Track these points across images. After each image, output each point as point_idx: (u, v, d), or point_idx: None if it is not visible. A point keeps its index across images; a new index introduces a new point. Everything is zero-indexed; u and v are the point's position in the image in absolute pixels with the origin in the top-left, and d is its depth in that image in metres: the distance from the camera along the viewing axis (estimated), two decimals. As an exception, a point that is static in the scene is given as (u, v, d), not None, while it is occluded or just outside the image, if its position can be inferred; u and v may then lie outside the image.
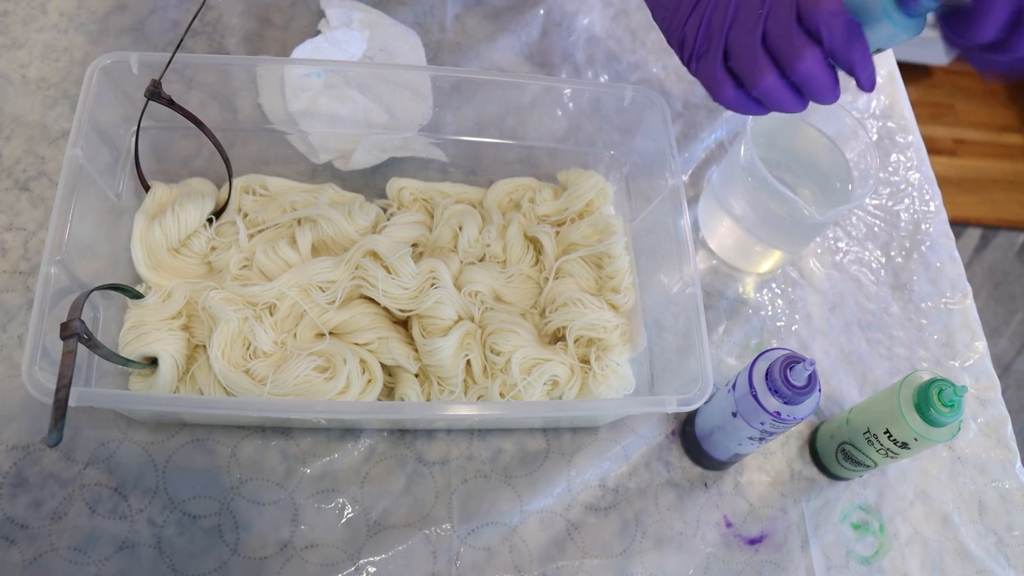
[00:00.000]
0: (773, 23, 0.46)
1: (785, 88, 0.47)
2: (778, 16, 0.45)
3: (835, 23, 0.44)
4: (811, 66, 0.45)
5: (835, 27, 0.44)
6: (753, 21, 0.46)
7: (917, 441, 0.56)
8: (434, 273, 0.60)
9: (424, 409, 0.54)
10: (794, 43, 0.45)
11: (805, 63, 0.45)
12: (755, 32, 0.46)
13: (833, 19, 0.44)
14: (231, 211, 0.64)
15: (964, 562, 0.64)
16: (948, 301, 0.77)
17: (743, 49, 0.47)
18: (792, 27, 0.45)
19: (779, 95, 0.48)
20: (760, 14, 0.46)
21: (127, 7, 0.75)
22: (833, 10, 0.44)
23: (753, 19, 0.46)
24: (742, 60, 0.47)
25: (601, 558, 0.59)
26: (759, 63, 0.47)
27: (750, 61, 0.47)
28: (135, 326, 0.56)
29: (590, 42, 0.84)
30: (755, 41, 0.46)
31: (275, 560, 0.55)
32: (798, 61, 0.45)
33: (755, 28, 0.46)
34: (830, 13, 0.44)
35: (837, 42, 0.44)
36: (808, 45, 0.45)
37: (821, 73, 0.46)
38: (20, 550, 0.53)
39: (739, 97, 0.50)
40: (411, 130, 0.70)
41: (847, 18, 0.44)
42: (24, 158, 0.66)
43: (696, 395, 0.53)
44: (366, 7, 0.77)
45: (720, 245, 0.73)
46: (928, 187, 0.84)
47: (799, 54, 0.45)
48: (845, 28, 0.44)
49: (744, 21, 0.47)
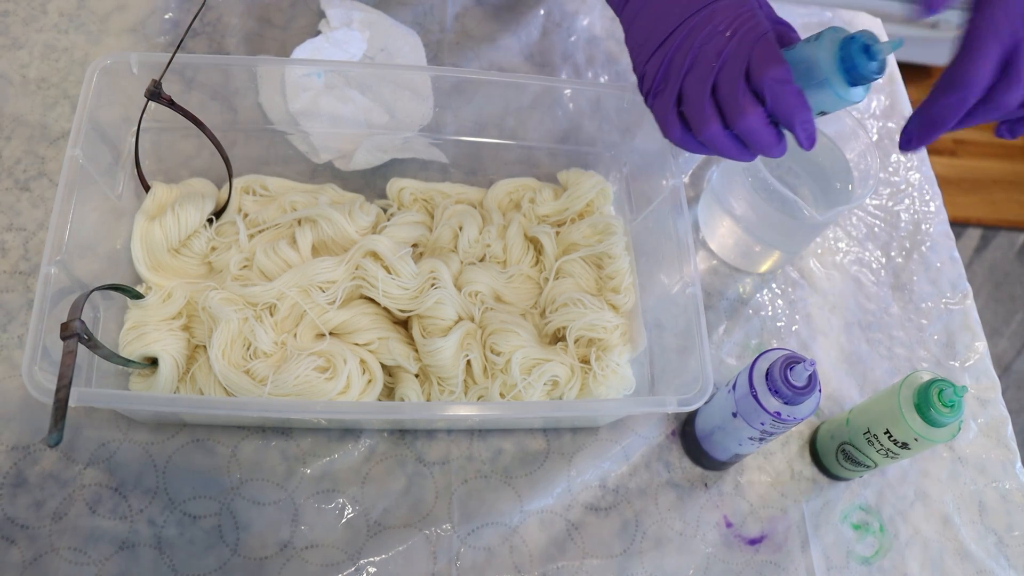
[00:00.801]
0: (723, 78, 0.48)
1: (728, 138, 0.49)
2: (729, 72, 0.47)
3: (778, 89, 0.46)
4: (752, 123, 0.47)
5: (778, 93, 0.46)
6: (706, 73, 0.48)
7: (917, 441, 0.56)
8: (434, 273, 0.60)
9: (424, 409, 0.54)
10: (739, 100, 0.47)
11: (747, 120, 0.47)
12: (706, 83, 0.48)
13: (777, 85, 0.46)
14: (231, 211, 0.64)
15: (964, 562, 0.64)
16: (948, 301, 0.77)
17: (693, 97, 0.49)
18: (739, 85, 0.47)
19: (722, 144, 0.50)
20: (713, 67, 0.48)
21: (127, 7, 0.75)
22: (777, 77, 0.46)
23: (707, 71, 0.48)
24: (691, 107, 0.49)
25: (601, 558, 0.59)
26: (706, 112, 0.48)
27: (698, 109, 0.49)
28: (135, 326, 0.56)
29: (590, 42, 0.84)
30: (705, 91, 0.48)
31: (275, 560, 0.55)
32: (741, 117, 0.47)
33: (707, 79, 0.48)
34: (774, 80, 0.46)
35: (779, 107, 0.46)
36: (751, 104, 0.47)
37: (762, 130, 0.48)
38: (20, 550, 0.53)
39: (686, 139, 0.51)
40: (412, 130, 0.70)
41: (791, 87, 0.46)
42: (24, 158, 0.66)
43: (696, 395, 0.53)
44: (366, 7, 0.77)
45: (720, 245, 0.73)
46: (928, 187, 0.84)
47: (742, 111, 0.47)
48: (788, 95, 0.46)
49: (698, 71, 0.49)
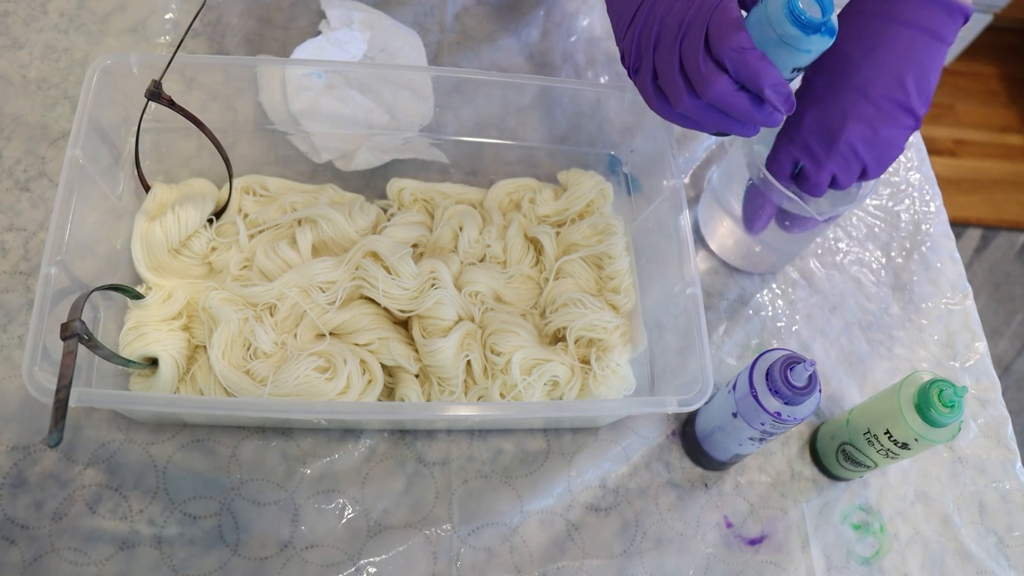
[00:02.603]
0: (685, 49, 0.47)
1: (705, 109, 0.49)
2: (690, 43, 0.47)
3: (738, 57, 0.45)
4: (718, 92, 0.47)
5: (739, 61, 0.46)
6: (671, 45, 0.48)
7: (917, 442, 0.56)
8: (434, 273, 0.60)
9: (424, 410, 0.54)
10: (701, 70, 0.47)
11: (712, 89, 0.47)
12: (673, 56, 0.48)
13: (736, 54, 0.45)
14: (231, 211, 0.64)
15: (964, 563, 0.64)
16: (948, 302, 0.77)
17: (664, 71, 0.49)
18: (699, 55, 0.46)
19: (701, 116, 0.49)
20: (677, 38, 0.47)
21: (127, 7, 0.75)
22: (735, 45, 0.45)
23: (671, 43, 0.48)
24: (664, 81, 0.49)
25: (601, 558, 0.59)
26: (677, 85, 0.48)
27: (670, 82, 0.49)
28: (135, 326, 0.56)
29: (590, 42, 0.84)
30: (674, 64, 0.48)
31: (275, 560, 0.55)
32: (706, 88, 0.47)
33: (673, 52, 0.48)
34: (732, 48, 0.45)
35: (744, 74, 0.46)
36: (714, 73, 0.46)
37: (731, 97, 0.47)
38: (20, 550, 0.53)
39: (670, 113, 0.51)
40: (412, 130, 0.70)
41: (751, 52, 0.46)
42: (24, 158, 0.66)
43: (696, 396, 0.53)
44: (367, 7, 0.77)
45: (720, 245, 0.73)
46: (928, 187, 0.84)
47: (706, 81, 0.47)
48: (750, 60, 0.46)
49: (664, 44, 0.48)
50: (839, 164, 0.57)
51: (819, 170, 0.57)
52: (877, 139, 0.56)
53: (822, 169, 0.57)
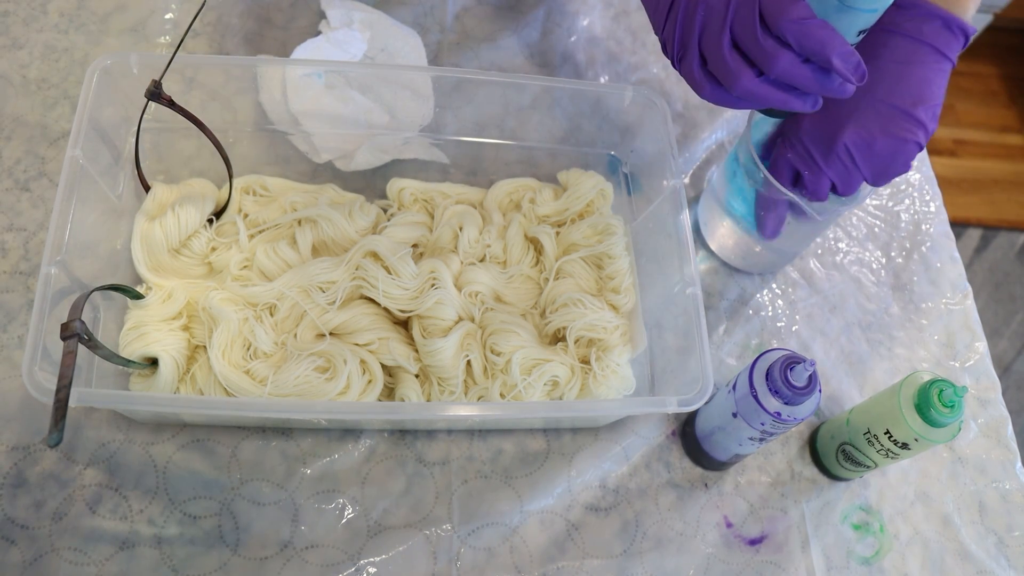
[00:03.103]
0: (738, 30, 0.46)
1: (768, 86, 0.47)
2: (742, 23, 0.46)
3: (800, 28, 0.44)
4: (784, 66, 0.45)
5: (802, 32, 0.44)
6: (719, 28, 0.47)
7: (917, 442, 0.56)
8: (434, 274, 0.60)
9: (424, 410, 0.54)
10: (762, 47, 0.45)
11: (779, 64, 0.45)
12: (722, 39, 0.47)
13: (796, 25, 0.44)
14: (231, 211, 0.64)
15: (964, 563, 0.64)
16: (948, 302, 0.77)
17: (714, 55, 0.48)
18: (756, 32, 0.45)
19: (764, 94, 0.48)
20: (726, 20, 0.46)
21: (127, 7, 0.75)
22: (794, 16, 0.44)
23: (719, 26, 0.47)
24: (715, 65, 0.48)
25: (601, 558, 0.59)
26: (730, 67, 0.47)
27: (722, 66, 0.47)
28: (135, 326, 0.56)
29: (590, 43, 0.84)
30: (723, 47, 0.47)
31: (275, 560, 0.55)
32: (771, 64, 0.45)
33: (722, 35, 0.46)
34: (791, 21, 0.44)
35: (808, 45, 0.44)
36: (776, 48, 0.45)
37: (798, 70, 0.45)
38: (20, 550, 0.53)
39: (722, 96, 0.50)
40: (412, 130, 0.70)
41: (813, 21, 0.44)
42: (24, 158, 0.66)
43: (696, 396, 0.53)
44: (367, 7, 0.77)
45: (720, 245, 0.73)
46: (928, 187, 0.84)
47: (771, 57, 0.45)
48: (813, 30, 0.44)
49: (712, 28, 0.47)
50: (837, 171, 0.57)
51: (818, 177, 0.57)
52: (876, 147, 0.55)
53: (821, 176, 0.57)
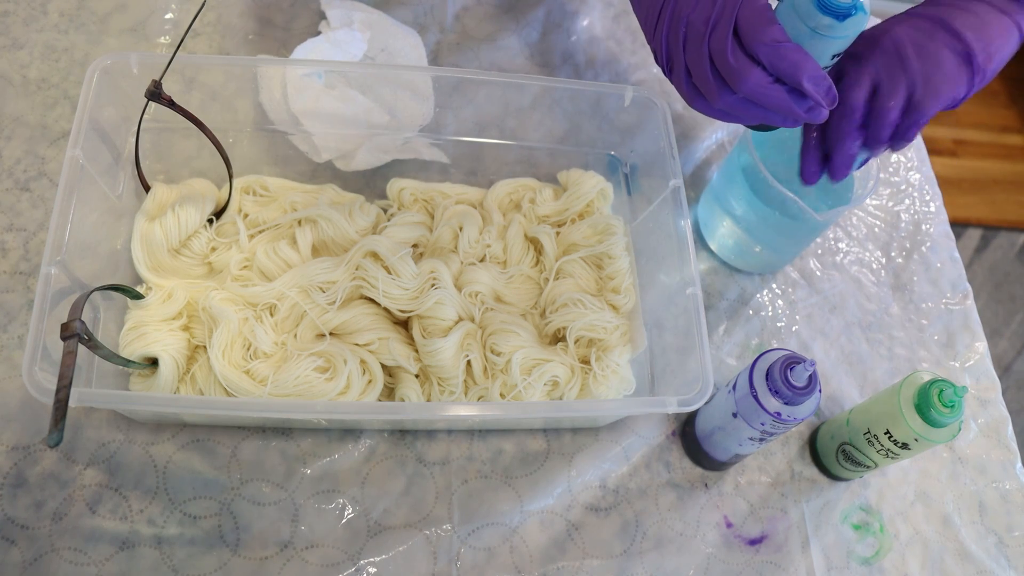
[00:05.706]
0: (714, 45, 0.46)
1: (744, 105, 0.47)
2: (717, 39, 0.46)
3: (774, 50, 0.44)
4: (753, 85, 0.45)
5: (775, 54, 0.44)
6: (699, 42, 0.47)
7: (917, 442, 0.56)
8: (434, 274, 0.60)
9: (424, 410, 0.54)
10: (732, 65, 0.45)
11: (747, 83, 0.45)
12: (703, 53, 0.47)
13: (770, 48, 0.44)
14: (231, 211, 0.64)
15: (964, 563, 0.64)
16: (948, 302, 0.77)
17: (696, 69, 0.48)
18: (728, 49, 0.45)
19: (742, 111, 0.48)
20: (704, 39, 0.46)
21: (127, 7, 0.75)
22: (768, 38, 0.44)
23: (699, 40, 0.47)
24: (698, 79, 0.48)
25: (601, 558, 0.59)
26: (710, 82, 0.47)
27: (705, 81, 0.47)
28: (135, 326, 0.56)
29: (590, 43, 0.84)
30: (704, 62, 0.47)
31: (275, 561, 0.55)
32: (740, 82, 0.45)
33: (702, 49, 0.47)
34: (764, 43, 0.44)
35: (781, 67, 0.44)
36: (747, 66, 0.45)
37: (767, 90, 0.46)
38: (20, 550, 0.53)
39: (709, 110, 0.50)
40: (412, 130, 0.70)
41: (787, 44, 0.44)
42: (24, 158, 0.66)
43: (696, 396, 0.53)
44: (367, 7, 0.77)
45: (720, 245, 0.73)
46: (928, 188, 0.84)
47: (739, 75, 0.45)
48: (786, 53, 0.44)
49: (693, 43, 0.47)
50: (882, 65, 0.53)
51: (859, 73, 0.53)
52: (927, 49, 0.52)
53: (862, 70, 0.53)
